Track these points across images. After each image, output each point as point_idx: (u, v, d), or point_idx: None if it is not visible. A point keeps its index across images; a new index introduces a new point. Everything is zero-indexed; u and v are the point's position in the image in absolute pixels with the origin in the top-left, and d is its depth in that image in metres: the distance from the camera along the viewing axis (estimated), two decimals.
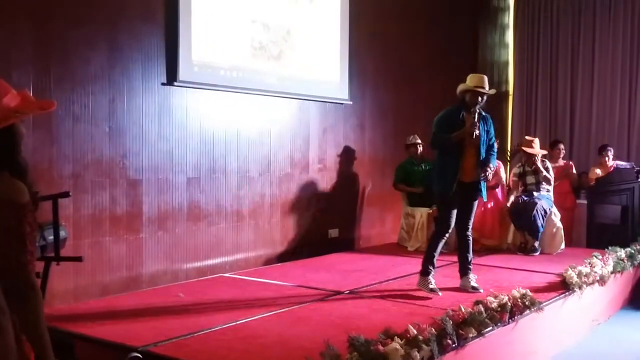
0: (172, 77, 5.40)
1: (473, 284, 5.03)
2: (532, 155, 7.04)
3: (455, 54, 9.07)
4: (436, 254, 5.03)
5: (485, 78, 5.04)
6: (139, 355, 3.45)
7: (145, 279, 5.24)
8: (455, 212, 4.98)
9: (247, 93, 6.11)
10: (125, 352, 3.46)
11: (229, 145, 5.97)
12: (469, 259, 5.12)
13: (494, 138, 5.12)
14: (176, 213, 5.57)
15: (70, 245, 4.70)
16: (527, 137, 7.32)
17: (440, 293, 4.86)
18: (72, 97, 4.82)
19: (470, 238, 5.17)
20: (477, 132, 4.88)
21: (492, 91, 5.07)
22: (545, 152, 7.35)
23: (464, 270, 5.12)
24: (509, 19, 9.87)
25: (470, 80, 4.99)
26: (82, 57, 4.87)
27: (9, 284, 1.88)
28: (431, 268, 4.97)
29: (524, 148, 7.10)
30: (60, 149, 4.76)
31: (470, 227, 5.16)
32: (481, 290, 4.90)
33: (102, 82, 5.00)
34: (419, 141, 7.30)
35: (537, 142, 7.16)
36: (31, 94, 4.43)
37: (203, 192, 5.77)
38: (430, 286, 4.90)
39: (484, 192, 5.12)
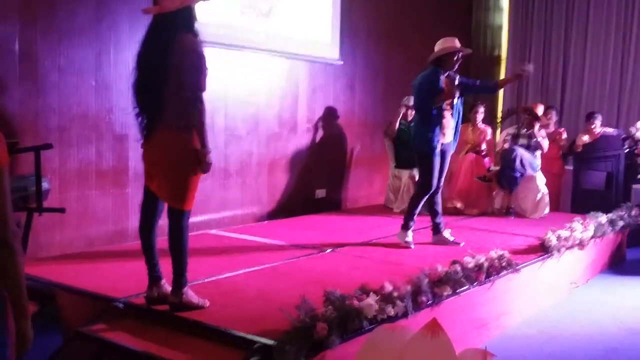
0: None
1: (451, 238, 5.37)
2: (537, 119, 7.11)
3: (448, 16, 9.00)
4: (417, 211, 5.34)
5: (456, 39, 5.25)
6: (120, 304, 3.53)
7: (130, 233, 5.28)
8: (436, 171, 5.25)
9: (236, 50, 6.08)
10: (106, 303, 3.55)
11: (216, 102, 5.95)
12: (440, 215, 5.44)
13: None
14: None
15: (56, 198, 4.75)
16: (533, 103, 7.57)
17: (412, 246, 5.25)
18: (58, 49, 4.80)
19: (440, 195, 5.48)
20: (457, 94, 5.13)
21: (469, 50, 5.34)
22: (547, 121, 7.48)
23: (437, 228, 5.41)
24: None
25: (445, 43, 5.19)
26: (69, 9, 4.83)
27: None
28: (411, 223, 5.32)
29: (534, 108, 7.19)
30: (45, 101, 4.76)
31: (442, 184, 5.46)
32: (462, 243, 5.27)
33: (89, 35, 4.97)
34: (412, 103, 7.30)
35: (542, 108, 7.31)
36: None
37: None
38: (406, 238, 5.28)
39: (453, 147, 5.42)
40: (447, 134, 5.22)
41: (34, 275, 3.90)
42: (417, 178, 5.69)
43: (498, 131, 9.28)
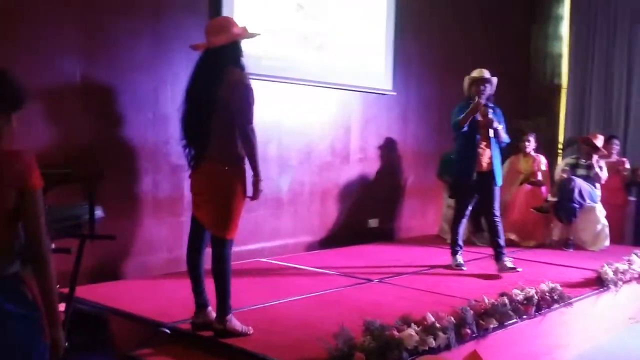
0: None
1: (509, 265, 5.34)
2: (596, 150, 6.97)
3: (506, 45, 8.93)
4: (459, 237, 5.67)
5: (485, 70, 5.53)
6: (167, 330, 3.63)
7: (184, 261, 5.41)
8: (470, 200, 5.53)
9: (290, 83, 6.21)
10: (154, 328, 3.65)
11: (269, 133, 6.07)
12: (501, 244, 5.43)
13: (504, 128, 5.50)
14: None
15: (111, 226, 4.92)
16: (592, 133, 7.49)
17: (464, 267, 5.54)
18: (118, 84, 5.03)
19: (499, 223, 5.48)
20: (483, 107, 5.34)
21: (494, 79, 5.53)
22: (606, 152, 7.29)
23: (497, 256, 5.42)
24: (564, 10, 9.65)
25: (472, 73, 5.63)
26: (127, 46, 5.06)
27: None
28: (457, 248, 5.66)
29: (592, 139, 7.08)
30: (106, 133, 4.98)
31: (496, 212, 5.48)
32: (519, 269, 5.26)
33: (147, 71, 5.18)
34: None
35: (601, 139, 7.16)
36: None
37: None
38: (456, 262, 5.59)
39: (499, 178, 5.48)
40: (484, 163, 5.41)
41: (88, 300, 4.06)
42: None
43: (559, 159, 9.09)
